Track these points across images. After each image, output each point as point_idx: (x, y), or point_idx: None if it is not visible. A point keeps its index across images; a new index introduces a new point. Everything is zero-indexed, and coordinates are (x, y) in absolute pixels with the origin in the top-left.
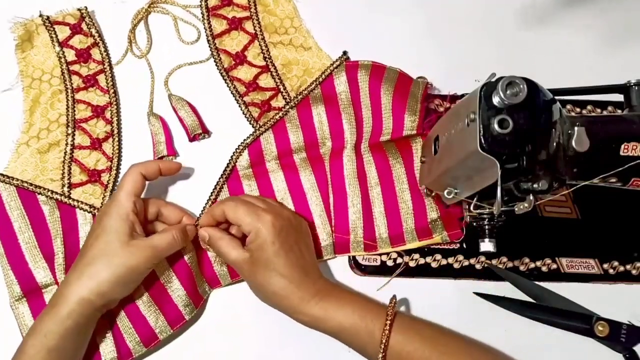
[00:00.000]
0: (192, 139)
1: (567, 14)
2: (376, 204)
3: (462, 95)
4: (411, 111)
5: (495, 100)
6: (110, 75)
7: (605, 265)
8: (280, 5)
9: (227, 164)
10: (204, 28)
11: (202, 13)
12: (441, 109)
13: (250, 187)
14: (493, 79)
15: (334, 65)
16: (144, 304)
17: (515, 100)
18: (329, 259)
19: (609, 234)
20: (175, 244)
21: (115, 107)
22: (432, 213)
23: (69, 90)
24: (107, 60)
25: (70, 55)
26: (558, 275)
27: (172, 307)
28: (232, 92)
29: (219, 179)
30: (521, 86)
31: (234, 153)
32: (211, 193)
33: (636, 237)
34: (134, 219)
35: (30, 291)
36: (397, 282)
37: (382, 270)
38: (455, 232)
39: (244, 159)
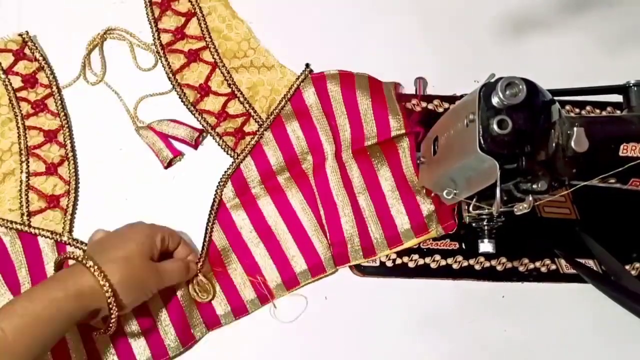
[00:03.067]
0: (168, 166)
1: (567, 15)
2: (366, 210)
3: (461, 96)
4: (393, 112)
5: (495, 100)
6: (59, 98)
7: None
8: (234, 29)
9: (213, 198)
10: (162, 66)
11: (157, 52)
12: (440, 109)
13: (240, 217)
14: (492, 80)
15: (300, 80)
16: (132, 334)
17: (514, 100)
18: (332, 273)
19: (608, 235)
20: (181, 276)
21: (68, 129)
22: (426, 208)
23: (19, 118)
24: (55, 83)
25: (17, 82)
26: (557, 276)
27: (158, 341)
28: (203, 126)
29: (209, 216)
30: (520, 87)
31: (217, 186)
32: (205, 232)
33: (635, 237)
34: (158, 247)
35: None
36: (397, 282)
37: (381, 270)
38: (449, 224)
39: (229, 190)
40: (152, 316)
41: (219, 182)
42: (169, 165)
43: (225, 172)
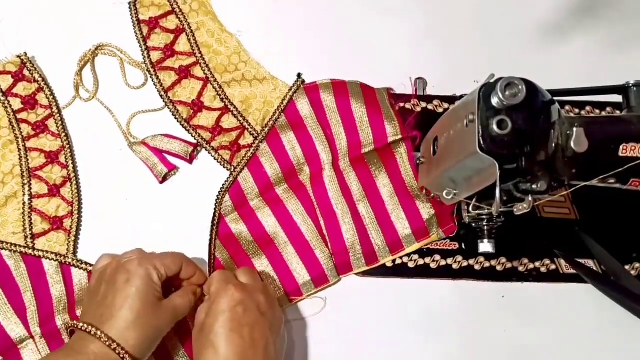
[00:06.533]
0: (163, 180)
1: (566, 15)
2: (366, 217)
3: (461, 96)
4: (389, 118)
5: (494, 101)
6: (59, 118)
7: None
8: (224, 44)
9: (213, 214)
10: (154, 84)
11: (147, 70)
12: (440, 110)
13: (239, 230)
14: (492, 80)
15: (292, 91)
16: None
17: (514, 101)
18: (335, 282)
19: (607, 235)
20: (191, 305)
21: (69, 150)
22: (426, 212)
23: (20, 140)
24: (55, 103)
25: (16, 103)
26: (557, 276)
27: (168, 357)
28: (197, 141)
29: (210, 232)
30: (520, 87)
31: (216, 201)
32: (209, 251)
33: (635, 237)
34: (158, 284)
35: (7, 350)
36: (397, 282)
37: (381, 271)
38: (450, 227)
39: (228, 204)
40: (169, 352)
41: (217, 197)
42: (164, 179)
43: (222, 185)
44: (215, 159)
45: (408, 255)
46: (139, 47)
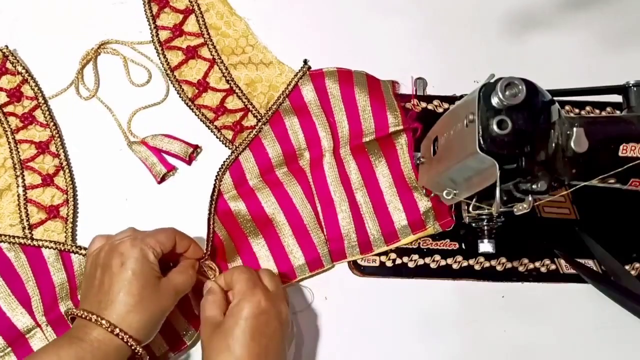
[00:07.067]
0: (161, 181)
1: (566, 15)
2: (363, 206)
3: (461, 96)
4: (391, 108)
5: (494, 101)
6: (46, 109)
7: (604, 266)
8: (232, 26)
9: (212, 190)
10: (160, 63)
11: (155, 48)
12: (440, 110)
13: (238, 208)
14: (492, 80)
15: (298, 76)
16: None
17: (514, 101)
18: (329, 268)
19: (607, 235)
20: (192, 281)
21: (59, 139)
22: (423, 204)
23: (9, 133)
24: (41, 94)
25: (2, 97)
26: (557, 276)
27: (173, 332)
28: (201, 120)
29: (209, 207)
30: (520, 87)
31: (216, 177)
32: (208, 225)
33: (635, 237)
34: (155, 262)
35: (14, 340)
36: (397, 282)
37: (381, 270)
38: (447, 221)
39: (227, 182)
40: (173, 326)
41: (217, 173)
42: (162, 180)
43: (223, 162)
44: (217, 138)
45: (408, 255)
46: (148, 25)
